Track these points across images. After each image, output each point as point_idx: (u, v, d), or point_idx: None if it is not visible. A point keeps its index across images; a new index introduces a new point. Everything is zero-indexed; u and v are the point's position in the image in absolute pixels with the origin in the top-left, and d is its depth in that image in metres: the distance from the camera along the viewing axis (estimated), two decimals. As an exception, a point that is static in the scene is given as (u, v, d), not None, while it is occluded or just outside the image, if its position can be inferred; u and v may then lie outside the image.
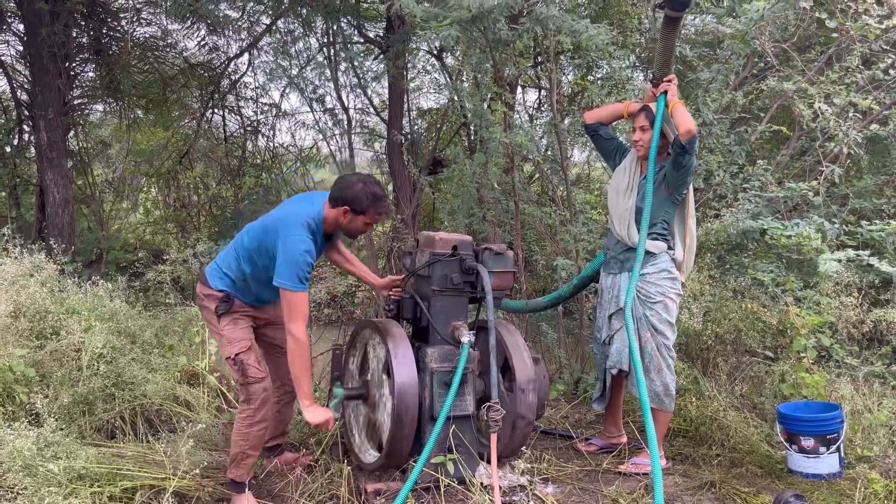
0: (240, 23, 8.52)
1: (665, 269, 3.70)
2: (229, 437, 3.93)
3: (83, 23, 8.25)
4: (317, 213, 3.22)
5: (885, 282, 4.89)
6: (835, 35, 5.57)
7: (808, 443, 3.52)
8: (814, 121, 5.28)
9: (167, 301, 5.78)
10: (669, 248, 3.74)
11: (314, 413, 3.16)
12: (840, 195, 5.66)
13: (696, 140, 3.51)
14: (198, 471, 3.06)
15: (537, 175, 7.69)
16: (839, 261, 4.42)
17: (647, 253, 3.65)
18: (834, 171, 5.12)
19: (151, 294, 6.57)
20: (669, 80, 3.67)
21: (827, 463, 3.50)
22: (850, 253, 4.54)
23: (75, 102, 8.68)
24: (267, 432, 3.33)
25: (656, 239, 3.70)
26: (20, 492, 2.82)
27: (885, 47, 5.55)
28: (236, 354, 3.19)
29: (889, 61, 5.56)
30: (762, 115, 5.99)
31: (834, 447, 3.49)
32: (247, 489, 3.23)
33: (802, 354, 4.17)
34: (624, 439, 4.02)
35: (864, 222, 4.96)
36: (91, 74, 9.17)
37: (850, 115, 5.28)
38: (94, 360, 3.96)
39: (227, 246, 3.40)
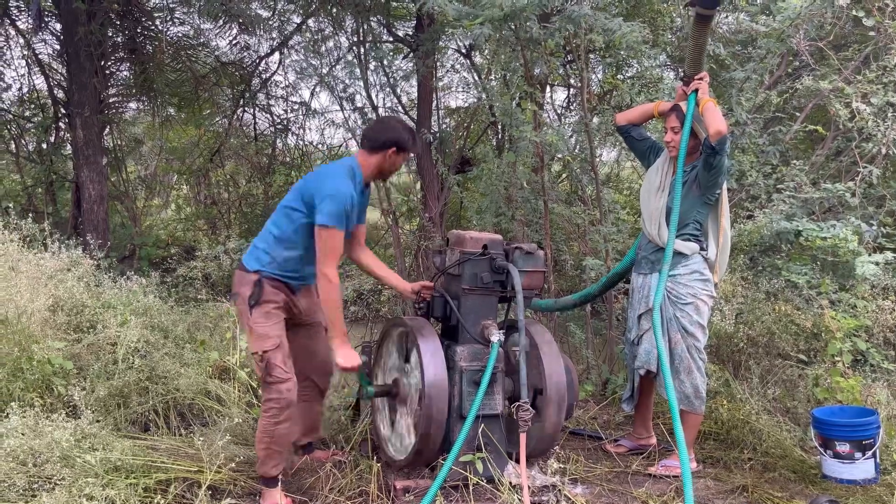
0: (271, 22, 8.59)
1: (697, 271, 3.66)
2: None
3: (118, 22, 8.39)
4: (353, 163, 3.30)
5: (923, 285, 4.78)
6: (872, 34, 5.45)
7: (843, 448, 3.46)
8: (850, 121, 5.18)
9: (198, 297, 5.85)
10: (702, 249, 3.70)
11: (346, 355, 3.21)
12: (877, 196, 5.54)
13: (726, 141, 3.46)
14: (234, 465, 3.09)
15: (566, 174, 7.65)
16: (877, 263, 4.34)
17: (679, 254, 3.62)
18: (872, 172, 5.02)
19: (182, 290, 6.66)
20: (700, 79, 3.63)
21: (862, 469, 3.44)
22: (889, 255, 4.45)
23: (110, 101, 8.83)
24: (292, 429, 3.31)
25: (688, 240, 3.67)
26: (58, 482, 2.88)
27: (925, 46, 5.43)
28: (264, 352, 3.15)
29: (929, 60, 5.44)
30: (797, 114, 5.89)
31: (870, 453, 3.43)
32: (279, 484, 3.24)
33: (837, 358, 4.10)
34: (653, 441, 3.99)
35: (902, 224, 4.86)
36: (125, 73, 9.32)
37: (889, 115, 5.17)
38: (129, 353, 4.03)
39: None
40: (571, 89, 8.90)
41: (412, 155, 3.39)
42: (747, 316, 4.64)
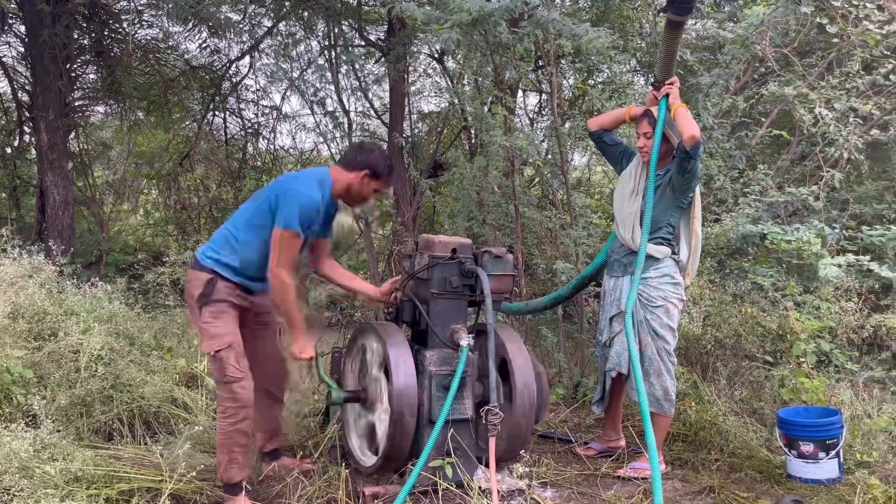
0: (241, 25, 8.53)
1: (668, 274, 3.69)
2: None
3: (84, 24, 8.27)
4: (325, 174, 3.27)
5: (885, 287, 4.88)
6: (835, 40, 5.57)
7: (807, 448, 3.50)
8: (814, 126, 5.28)
9: (166, 303, 5.77)
10: (674, 252, 3.73)
11: (301, 345, 3.21)
12: (840, 200, 5.66)
13: (700, 145, 3.50)
14: (194, 473, 3.04)
15: (537, 179, 7.69)
16: (839, 266, 4.42)
17: (651, 257, 3.64)
18: (834, 177, 5.12)
19: (152, 296, 6.56)
20: (671, 84, 3.66)
21: (826, 468, 3.49)
22: (851, 258, 4.53)
23: (76, 104, 8.70)
24: (251, 429, 3.23)
25: (660, 243, 3.70)
26: (16, 494, 2.81)
27: (885, 52, 5.56)
28: (216, 351, 3.08)
29: (889, 66, 5.56)
30: (763, 119, 5.99)
31: (833, 452, 3.48)
32: (243, 491, 3.18)
33: (802, 359, 4.16)
34: (622, 443, 4.01)
35: (864, 227, 4.96)
36: (92, 76, 9.19)
37: (851, 120, 5.28)
38: (93, 361, 3.95)
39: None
40: (543, 94, 8.96)
41: (384, 190, 3.35)
42: (715, 318, 4.69)
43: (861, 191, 5.73)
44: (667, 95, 3.64)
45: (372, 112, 9.64)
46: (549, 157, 6.18)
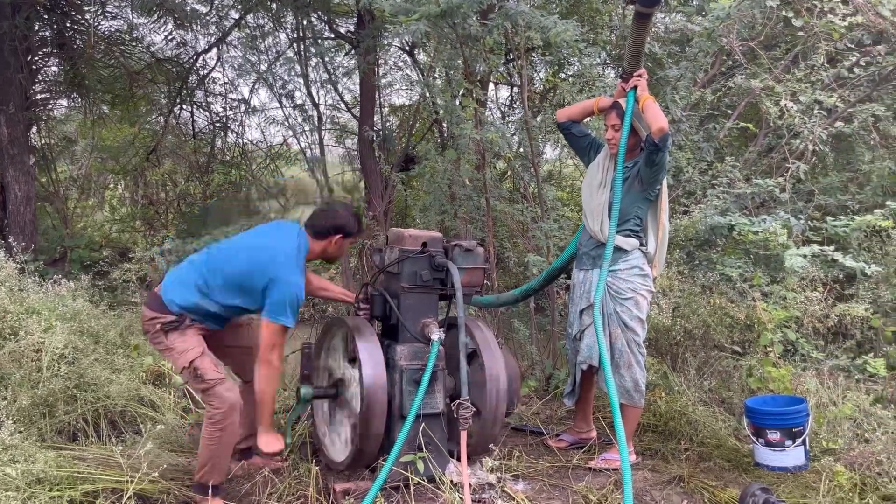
0: (208, 17, 8.39)
1: (637, 266, 3.71)
2: (196, 437, 3.88)
3: (46, 16, 8.06)
4: (304, 247, 3.24)
5: (849, 277, 4.97)
6: (801, 33, 5.64)
7: (774, 436, 3.55)
8: (780, 118, 5.35)
9: (133, 300, 5.66)
10: (642, 244, 3.75)
11: (269, 441, 3.17)
12: (806, 192, 5.74)
13: (668, 137, 3.51)
14: (157, 473, 2.98)
15: (509, 172, 7.69)
16: (804, 256, 4.48)
17: (620, 249, 3.66)
18: (800, 168, 5.19)
19: (120, 293, 6.44)
20: (639, 76, 3.67)
21: (793, 456, 3.54)
22: (815, 248, 4.60)
23: (38, 97, 8.48)
24: (238, 434, 3.25)
25: (629, 236, 3.71)
26: (-25, 497, 2.73)
27: (849, 46, 5.64)
28: (191, 361, 3.05)
29: (853, 59, 5.65)
30: (730, 112, 6.05)
31: (799, 440, 3.53)
32: (218, 494, 3.12)
33: (769, 349, 4.22)
34: (594, 434, 4.03)
35: (828, 218, 5.04)
36: (54, 69, 8.97)
37: (816, 112, 5.36)
38: (55, 360, 3.85)
39: (189, 263, 3.27)
40: (514, 87, 8.96)
41: (357, 240, 3.34)
42: (684, 309, 4.74)
43: (826, 182, 5.82)
44: (635, 87, 3.65)
45: (342, 105, 9.57)
46: (521, 150, 6.17)
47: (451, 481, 3.14)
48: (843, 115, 5.54)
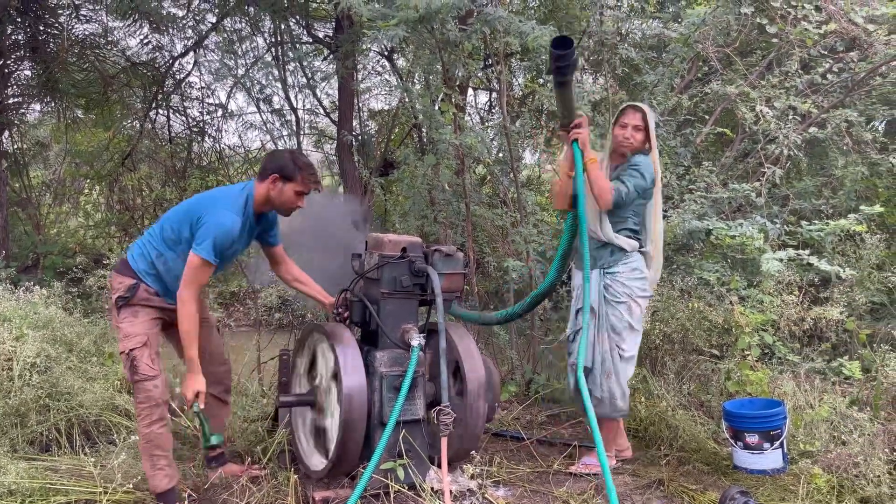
0: (184, 21, 8.32)
1: (637, 268, 3.65)
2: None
3: (18, 19, 7.93)
4: (246, 191, 3.22)
5: (824, 280, 5.03)
6: (775, 40, 5.72)
7: (752, 439, 3.57)
8: (755, 123, 5.41)
9: (107, 307, 5.57)
10: (641, 246, 3.69)
11: (189, 384, 3.11)
12: (781, 196, 5.81)
13: (619, 199, 3.49)
14: (131, 485, 2.93)
15: (489, 177, 7.70)
16: (780, 260, 4.53)
17: (620, 250, 3.62)
18: (775, 173, 5.25)
19: (95, 300, 6.34)
20: (578, 126, 3.30)
21: (771, 458, 3.56)
22: (791, 252, 4.65)
23: (10, 101, 8.34)
24: (169, 430, 3.18)
25: (629, 236, 3.65)
26: (-57, 511, 2.66)
27: (822, 52, 5.73)
28: (130, 350, 3.06)
29: (827, 66, 5.74)
30: (707, 117, 6.11)
31: (777, 443, 3.55)
32: (176, 501, 3.10)
33: (747, 352, 4.24)
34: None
35: (803, 222, 5.10)
36: (27, 72, 8.83)
37: (790, 118, 5.43)
38: (27, 369, 3.78)
39: (149, 231, 3.31)
40: (493, 93, 8.98)
41: (307, 189, 3.25)
42: (663, 313, 4.76)
43: (800, 187, 5.89)
44: (576, 140, 3.31)
45: (320, 110, 9.52)
46: (500, 155, 6.18)
47: (432, 488, 3.12)
48: (817, 120, 5.62)
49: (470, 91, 8.96)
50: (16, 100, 8.67)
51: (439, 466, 3.10)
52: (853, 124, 5.53)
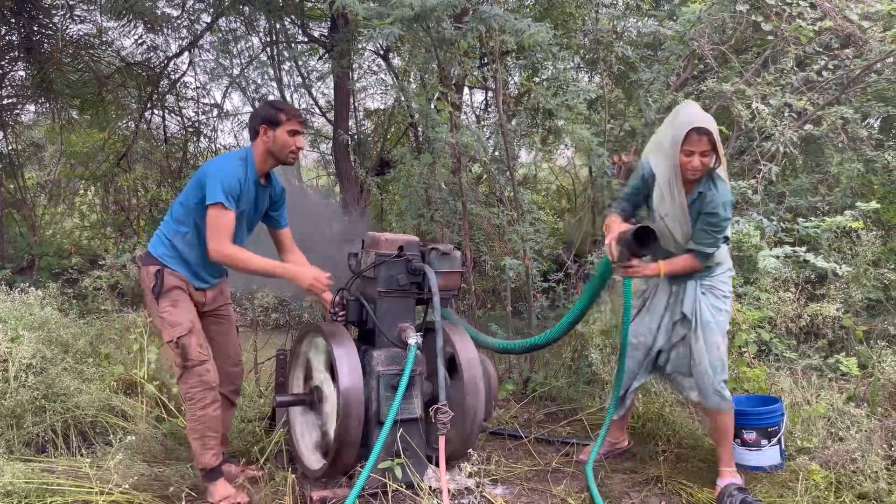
0: (179, 21, 8.29)
1: (728, 267, 3.51)
2: (169, 446, 3.82)
3: (12, 20, 7.90)
4: (245, 151, 3.27)
5: (820, 277, 5.03)
6: (770, 37, 5.73)
7: (750, 436, 3.58)
8: (751, 121, 5.41)
9: (103, 308, 5.55)
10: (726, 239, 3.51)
11: (305, 275, 3.18)
12: (777, 193, 5.81)
13: (709, 258, 3.32)
14: (128, 485, 2.92)
15: (485, 175, 7.70)
16: (777, 257, 4.53)
17: (716, 263, 3.44)
18: (771, 170, 5.25)
19: (91, 301, 6.32)
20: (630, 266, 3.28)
21: (768, 455, 3.57)
22: (787, 249, 4.65)
23: (4, 102, 8.31)
24: (221, 412, 3.22)
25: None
26: (-61, 513, 2.65)
27: (817, 49, 5.74)
28: (179, 338, 3.10)
29: (822, 63, 5.75)
30: (703, 115, 6.10)
31: (775, 440, 3.56)
32: (222, 476, 3.18)
33: (744, 349, 4.25)
34: (626, 443, 3.94)
35: (800, 219, 5.11)
36: (22, 73, 8.80)
37: (786, 115, 5.43)
38: (23, 371, 3.76)
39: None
40: (489, 91, 8.98)
41: (296, 126, 3.24)
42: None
43: (796, 184, 5.90)
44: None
45: (316, 109, 9.51)
46: (496, 153, 6.18)
47: (430, 487, 3.12)
48: (813, 117, 5.63)
49: (466, 90, 8.95)
50: (10, 101, 8.64)
51: (437, 465, 3.09)
52: (849, 121, 5.53)
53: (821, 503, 3.09)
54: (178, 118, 9.87)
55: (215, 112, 9.57)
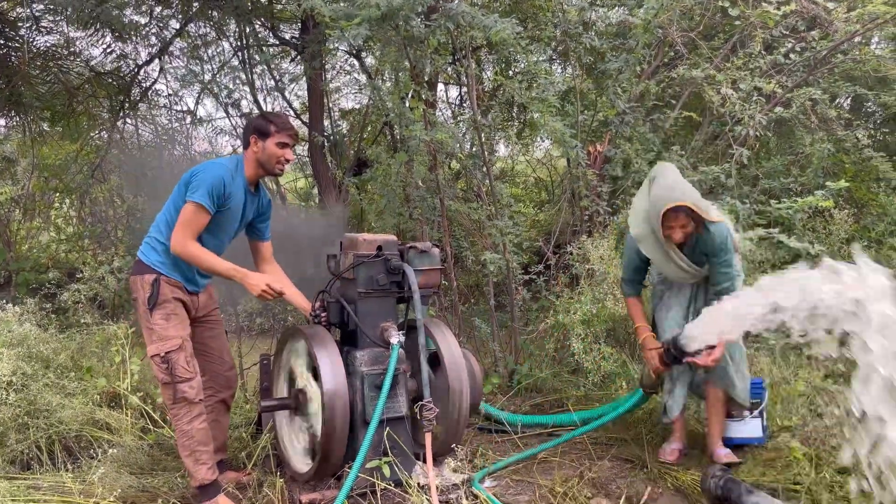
0: (148, 28, 8.20)
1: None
2: (156, 457, 3.81)
3: (-23, 34, 7.79)
4: (236, 158, 3.29)
5: (794, 257, 5.09)
6: (737, 23, 5.78)
7: (735, 409, 3.64)
8: (722, 106, 5.47)
9: (82, 321, 5.50)
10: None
11: (254, 280, 3.15)
12: (751, 177, 5.88)
13: (736, 291, 3.31)
14: (113, 497, 2.91)
15: (463, 171, 7.72)
16: (752, 239, 4.59)
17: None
18: (743, 154, 5.31)
19: (72, 315, 6.25)
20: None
21: (751, 426, 3.64)
22: (762, 231, 4.71)
23: (-27, 118, 8.20)
24: (207, 425, 3.21)
25: None
26: (-77, 536, 2.63)
27: (784, 32, 5.81)
28: (166, 353, 3.09)
29: (789, 46, 5.82)
30: (675, 102, 6.17)
31: (757, 412, 3.63)
32: (220, 491, 3.16)
33: (723, 331, 4.29)
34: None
35: (773, 201, 5.17)
36: (-11, 88, 8.66)
37: (756, 99, 5.49)
38: (3, 388, 3.73)
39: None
40: (463, 87, 8.98)
41: (285, 139, 3.27)
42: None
43: (769, 166, 5.97)
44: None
45: (291, 112, 9.46)
46: (474, 149, 6.19)
47: (418, 484, 3.14)
48: (782, 100, 5.70)
49: (440, 86, 8.95)
50: (-21, 116, 8.52)
51: (425, 462, 3.11)
52: (817, 102, 5.61)
53: (801, 479, 3.15)
54: (152, 126, 9.77)
55: (189, 119, 9.49)
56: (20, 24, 8.12)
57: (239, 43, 8.19)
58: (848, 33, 5.56)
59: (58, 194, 10.42)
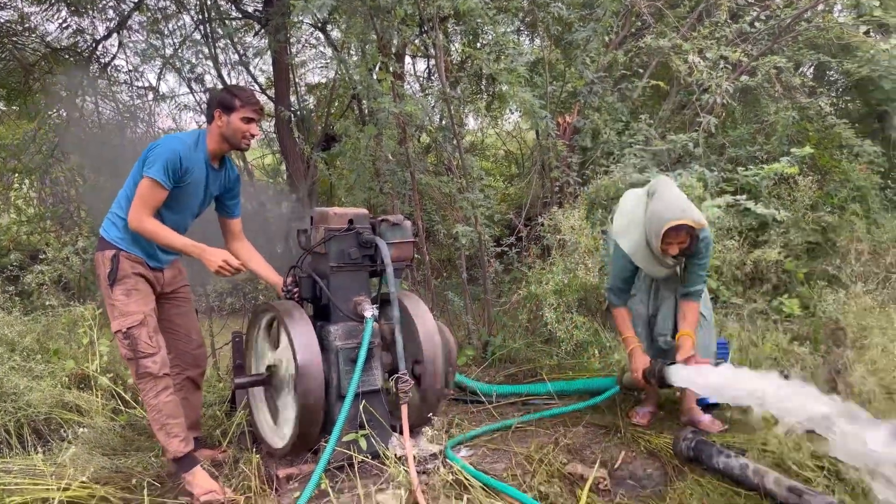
0: (105, 1, 7.96)
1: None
2: (129, 437, 3.77)
3: (-76, 9, 7.49)
4: (198, 132, 3.25)
5: (761, 224, 5.19)
6: (703, -9, 5.81)
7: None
8: (689, 75, 5.50)
9: (47, 303, 5.39)
10: None
11: (211, 256, 3.08)
12: (718, 145, 5.95)
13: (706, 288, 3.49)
14: (85, 478, 2.88)
15: (433, 145, 7.67)
16: (720, 207, 4.65)
17: None
18: (710, 122, 5.36)
19: (37, 297, 6.12)
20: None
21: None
22: (730, 198, 4.78)
23: (-76, 97, 7.91)
24: (176, 398, 3.18)
25: None
26: None
27: (749, 1, 5.85)
28: (128, 328, 3.05)
29: (754, 14, 5.86)
30: (642, 72, 6.19)
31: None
32: (197, 464, 3.14)
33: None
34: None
35: (739, 169, 5.24)
36: (-60, 65, 8.37)
37: (722, 67, 5.53)
38: (-32, 373, 3.65)
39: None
40: (431, 59, 8.90)
41: (250, 113, 3.21)
42: (609, 267, 4.85)
43: (735, 135, 6.04)
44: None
45: (256, 86, 9.29)
46: (443, 122, 6.15)
47: (396, 455, 3.15)
48: (748, 68, 5.75)
49: (408, 59, 8.86)
50: (-70, 95, 8.22)
51: (401, 433, 3.12)
52: (782, 70, 5.67)
53: (769, 439, 3.22)
54: (112, 104, 9.51)
55: (150, 95, 9.26)
56: (-30, -1, 7.83)
57: (200, 16, 7.99)
58: (811, 1, 5.62)
59: (17, 175, 10.13)
